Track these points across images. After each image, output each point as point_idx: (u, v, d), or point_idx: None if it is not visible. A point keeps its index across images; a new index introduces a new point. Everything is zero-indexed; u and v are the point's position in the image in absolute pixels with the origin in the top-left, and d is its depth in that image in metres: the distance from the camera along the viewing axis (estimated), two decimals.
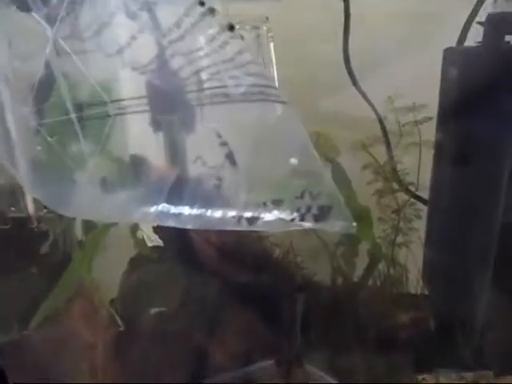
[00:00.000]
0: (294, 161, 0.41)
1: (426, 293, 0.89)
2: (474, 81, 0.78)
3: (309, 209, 0.43)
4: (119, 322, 0.70)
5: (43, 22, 0.50)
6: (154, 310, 0.69)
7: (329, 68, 0.98)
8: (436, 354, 0.79)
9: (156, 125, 0.68)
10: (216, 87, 0.45)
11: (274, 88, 0.43)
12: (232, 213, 0.46)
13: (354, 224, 0.43)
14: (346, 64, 0.94)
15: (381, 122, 0.92)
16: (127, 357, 0.70)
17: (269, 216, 0.44)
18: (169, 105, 0.63)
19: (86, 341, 0.71)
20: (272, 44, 0.85)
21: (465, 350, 0.81)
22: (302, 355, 0.79)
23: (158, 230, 0.81)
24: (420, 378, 0.76)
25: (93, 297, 0.71)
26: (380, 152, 0.95)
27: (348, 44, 0.93)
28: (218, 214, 0.47)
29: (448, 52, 0.80)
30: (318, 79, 0.99)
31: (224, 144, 0.50)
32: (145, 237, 0.83)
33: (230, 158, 0.48)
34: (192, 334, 0.71)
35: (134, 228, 0.79)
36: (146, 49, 0.45)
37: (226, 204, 0.48)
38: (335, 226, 0.43)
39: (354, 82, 0.93)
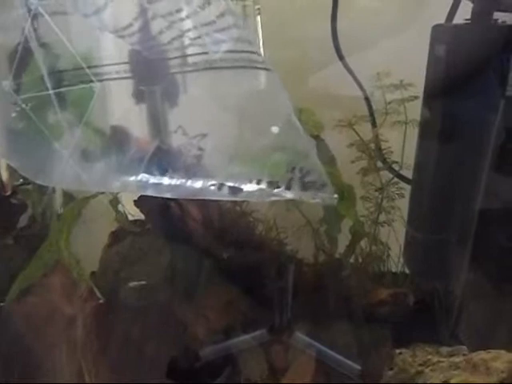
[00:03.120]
0: (275, 129, 0.41)
1: (407, 271, 0.90)
2: (461, 59, 0.77)
3: (291, 180, 0.43)
4: (98, 294, 0.69)
5: None
6: (133, 283, 0.68)
7: (316, 45, 0.97)
8: (414, 329, 0.81)
9: (138, 96, 0.67)
10: (198, 54, 0.44)
11: (259, 54, 0.42)
12: (213, 182, 0.45)
13: (336, 196, 0.42)
14: (333, 40, 0.93)
15: (367, 99, 0.92)
16: (107, 330, 0.70)
17: (251, 186, 0.43)
18: (151, 75, 0.61)
19: (65, 313, 0.71)
20: (259, 17, 0.83)
21: (442, 326, 0.82)
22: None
23: (138, 204, 0.80)
24: (397, 351, 0.77)
25: (71, 269, 0.70)
26: (365, 130, 0.94)
27: (336, 21, 0.91)
28: (199, 184, 0.47)
29: (436, 29, 0.79)
30: (305, 56, 0.97)
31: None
32: (126, 211, 0.81)
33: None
34: (173, 307, 0.71)
35: (114, 202, 0.78)
36: (124, 10, 0.43)
37: (207, 175, 0.48)
38: (316, 197, 0.43)
39: (341, 58, 0.92)
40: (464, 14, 0.79)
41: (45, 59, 0.52)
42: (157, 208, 0.78)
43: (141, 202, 0.79)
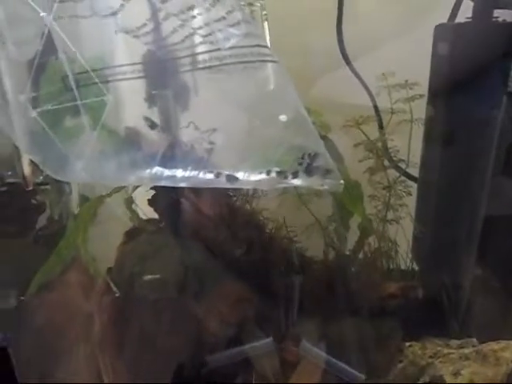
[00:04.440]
0: (283, 118, 0.43)
1: (415, 267, 0.92)
2: (463, 57, 0.79)
3: (298, 168, 0.45)
4: (115, 289, 0.72)
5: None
6: (147, 277, 0.70)
7: (323, 48, 1.00)
8: (424, 323, 0.82)
9: (151, 100, 0.70)
10: (209, 51, 0.47)
11: (266, 47, 0.44)
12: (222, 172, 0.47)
13: (342, 182, 0.44)
14: (339, 44, 0.95)
15: (373, 99, 0.94)
16: (122, 323, 0.72)
17: (258, 175, 0.46)
18: (164, 76, 0.64)
19: (82, 308, 0.73)
20: (266, 23, 0.86)
21: (451, 320, 0.83)
22: (298, 332, 0.81)
23: (152, 202, 0.82)
24: (407, 344, 0.78)
25: (88, 266, 0.72)
26: (372, 130, 0.96)
27: (342, 23, 0.94)
28: (210, 175, 0.49)
29: (438, 29, 0.82)
30: (312, 60, 1.00)
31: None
32: (140, 210, 0.84)
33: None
34: (186, 301, 0.73)
35: (129, 201, 0.81)
36: (139, 10, 0.46)
37: (218, 167, 0.50)
38: (323, 184, 0.45)
39: (347, 62, 0.94)
40: (467, 13, 0.82)
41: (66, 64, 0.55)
42: (169, 206, 0.80)
43: (154, 200, 0.82)
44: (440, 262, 0.89)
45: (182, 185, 0.51)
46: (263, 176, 0.46)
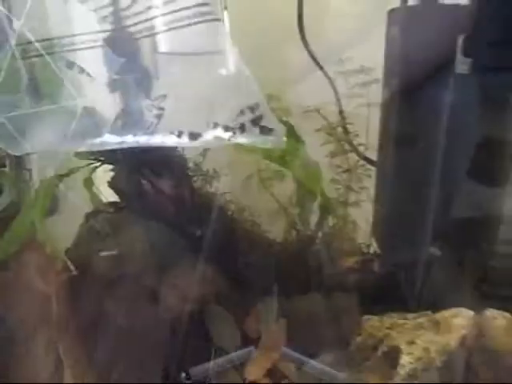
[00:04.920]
0: (224, 71, 0.44)
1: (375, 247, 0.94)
2: (413, 40, 0.82)
3: (243, 126, 0.46)
4: (71, 267, 0.71)
5: None
6: (104, 253, 0.70)
7: (282, 34, 1.02)
8: (382, 300, 0.84)
9: (112, 86, 0.71)
10: (165, 13, 0.48)
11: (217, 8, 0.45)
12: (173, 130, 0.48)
13: (284, 139, 0.46)
14: (300, 31, 0.98)
15: (332, 84, 0.96)
16: (79, 301, 0.72)
17: (208, 134, 0.47)
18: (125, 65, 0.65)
19: (39, 287, 0.72)
20: (225, 12, 0.88)
21: (409, 296, 0.85)
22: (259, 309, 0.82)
23: (112, 183, 0.83)
24: (365, 317, 0.80)
25: (45, 245, 0.72)
26: (332, 114, 0.99)
27: (302, 10, 0.96)
28: (159, 138, 0.50)
29: (390, 13, 0.85)
30: (272, 45, 1.02)
31: None
32: (101, 193, 0.84)
33: None
34: (146, 278, 0.73)
35: (89, 182, 0.81)
36: None
37: (168, 130, 0.51)
38: (267, 142, 0.46)
39: (306, 46, 0.97)
40: None
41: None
42: (130, 187, 0.81)
43: (114, 181, 0.82)
44: (398, 241, 0.91)
45: (133, 145, 0.51)
46: (211, 132, 0.47)
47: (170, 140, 0.49)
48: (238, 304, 0.82)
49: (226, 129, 0.46)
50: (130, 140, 0.51)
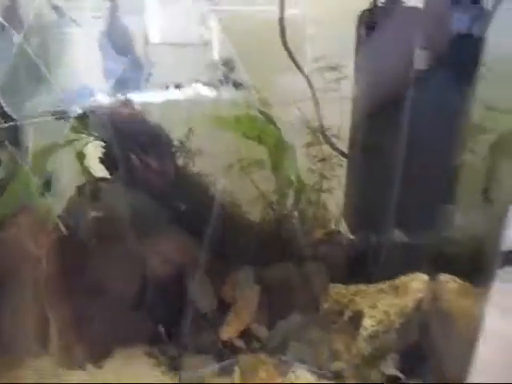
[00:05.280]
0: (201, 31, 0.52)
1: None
2: (377, 39, 0.93)
3: (220, 81, 0.54)
4: (62, 228, 0.77)
5: None
6: (93, 213, 0.76)
7: (264, 33, 1.11)
8: (349, 272, 0.91)
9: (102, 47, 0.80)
10: None
11: None
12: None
13: (258, 97, 0.53)
14: (280, 32, 1.07)
15: (308, 79, 1.05)
16: (69, 259, 0.77)
17: (189, 88, 0.55)
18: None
19: (31, 248, 0.78)
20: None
21: (374, 269, 0.93)
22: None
23: (102, 160, 0.89)
24: (332, 285, 0.87)
25: (39, 209, 0.78)
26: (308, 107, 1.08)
27: (283, 13, 1.06)
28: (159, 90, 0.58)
29: (361, 14, 0.95)
30: (254, 43, 1.10)
31: None
32: (91, 167, 0.90)
33: None
34: (132, 241, 0.80)
35: (81, 156, 0.87)
36: None
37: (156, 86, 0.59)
38: (239, 97, 0.54)
39: (285, 44, 1.06)
40: None
41: None
42: (119, 162, 0.87)
43: (105, 157, 0.89)
44: (365, 222, 0.99)
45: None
46: (194, 86, 0.55)
47: (158, 95, 0.56)
48: (216, 273, 0.88)
49: (205, 84, 0.54)
50: (122, 98, 0.58)
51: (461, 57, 0.89)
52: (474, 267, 0.87)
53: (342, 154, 1.09)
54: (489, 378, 0.70)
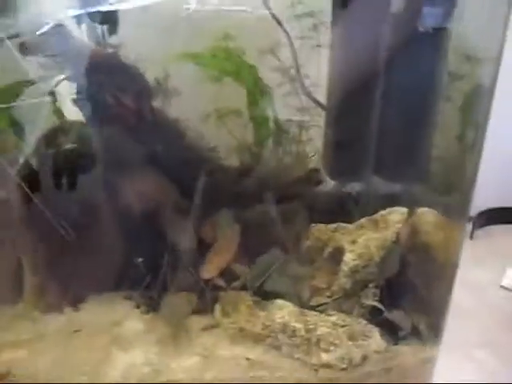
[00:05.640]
0: None
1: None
2: None
3: None
4: (33, 164, 0.75)
5: None
6: (67, 146, 0.74)
7: None
8: (329, 214, 0.91)
9: None
10: None
11: None
12: None
13: None
14: None
15: (281, 26, 1.04)
16: (39, 198, 0.75)
17: None
18: None
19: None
20: None
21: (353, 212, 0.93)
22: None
23: (76, 101, 0.86)
24: (313, 225, 0.87)
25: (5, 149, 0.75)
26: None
27: None
28: None
29: None
30: None
31: None
32: (64, 108, 0.87)
33: None
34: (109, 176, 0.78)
35: (52, 95, 0.84)
36: None
37: None
38: None
39: None
40: None
41: None
42: (93, 102, 0.85)
43: (77, 96, 0.86)
44: (344, 169, 1.00)
45: None
46: None
47: None
48: (195, 215, 0.86)
49: None
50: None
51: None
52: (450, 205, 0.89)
53: (321, 106, 1.09)
54: None
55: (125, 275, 0.83)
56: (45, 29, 0.73)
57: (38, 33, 0.70)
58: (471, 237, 1.52)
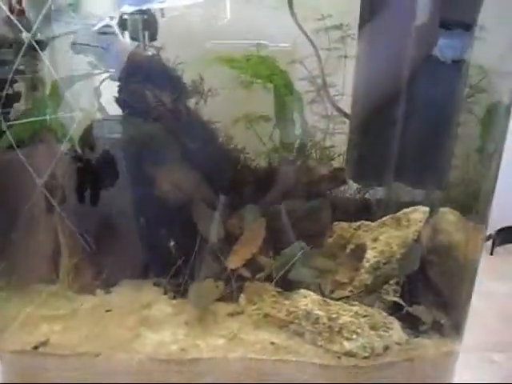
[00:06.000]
0: None
1: None
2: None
3: None
4: (78, 149, 0.81)
5: None
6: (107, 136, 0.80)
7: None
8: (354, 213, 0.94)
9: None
10: None
11: None
12: None
13: None
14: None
15: (309, 38, 1.10)
16: (83, 185, 0.80)
17: None
18: None
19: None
20: None
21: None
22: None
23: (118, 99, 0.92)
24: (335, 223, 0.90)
25: (57, 131, 0.81)
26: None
27: None
28: None
29: None
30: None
31: None
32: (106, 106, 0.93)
33: None
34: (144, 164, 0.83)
35: (97, 94, 0.91)
36: None
37: None
38: None
39: (291, 6, 1.11)
40: None
41: None
42: (134, 97, 0.91)
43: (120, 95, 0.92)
44: (366, 174, 1.03)
45: None
46: None
47: None
48: (224, 209, 0.91)
49: None
50: None
51: None
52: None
53: (344, 114, 1.13)
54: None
55: (155, 263, 0.87)
56: (97, 27, 0.80)
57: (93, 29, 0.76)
58: (491, 253, 1.52)
